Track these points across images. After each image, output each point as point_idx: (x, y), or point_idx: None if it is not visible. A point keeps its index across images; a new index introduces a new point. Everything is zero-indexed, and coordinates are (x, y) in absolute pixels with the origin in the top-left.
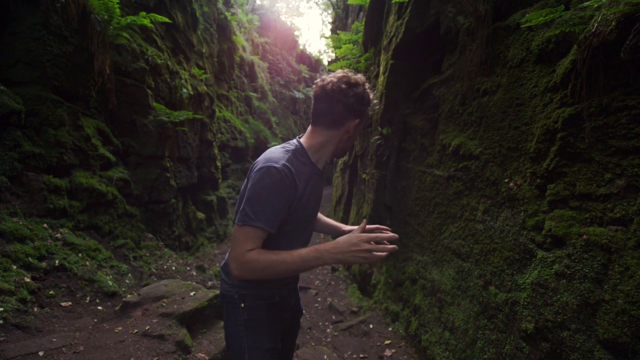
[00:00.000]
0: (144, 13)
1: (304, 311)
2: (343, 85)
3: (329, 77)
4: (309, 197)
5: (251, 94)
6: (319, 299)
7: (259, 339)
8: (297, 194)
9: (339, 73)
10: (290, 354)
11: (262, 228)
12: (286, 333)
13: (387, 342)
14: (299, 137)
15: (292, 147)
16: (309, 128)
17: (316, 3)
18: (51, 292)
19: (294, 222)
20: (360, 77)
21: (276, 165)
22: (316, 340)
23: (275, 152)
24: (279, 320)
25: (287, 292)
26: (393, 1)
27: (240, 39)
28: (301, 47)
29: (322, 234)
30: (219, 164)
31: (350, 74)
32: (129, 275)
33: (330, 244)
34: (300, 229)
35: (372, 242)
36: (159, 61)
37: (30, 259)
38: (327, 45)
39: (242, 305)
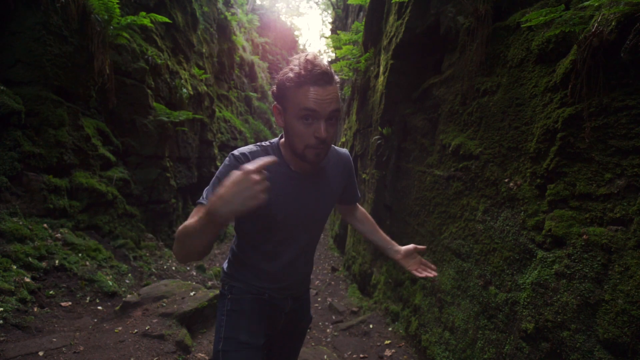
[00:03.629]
0: (144, 13)
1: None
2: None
3: None
4: (279, 197)
5: (251, 94)
6: (319, 299)
7: (236, 330)
8: None
9: None
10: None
11: (202, 204)
12: (280, 337)
13: (387, 342)
14: (281, 136)
15: (267, 144)
16: None
17: (316, 3)
18: (51, 292)
19: (265, 222)
20: (296, 57)
21: (234, 153)
22: (316, 340)
23: (247, 146)
24: (264, 318)
25: (281, 295)
26: (393, 1)
27: (240, 39)
28: (301, 47)
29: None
30: (219, 164)
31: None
32: (129, 275)
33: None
34: (278, 231)
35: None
36: (159, 61)
37: (30, 259)
38: (327, 45)
39: (229, 296)
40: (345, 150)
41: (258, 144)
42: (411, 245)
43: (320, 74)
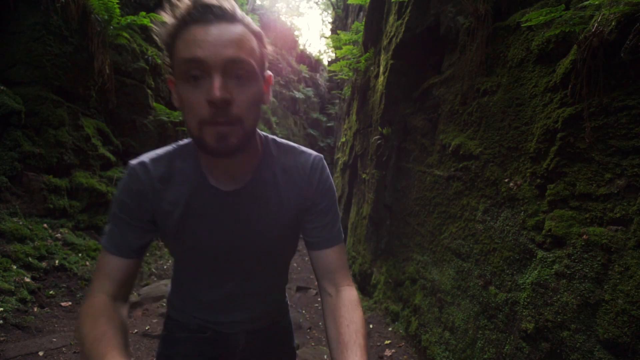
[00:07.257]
0: (144, 13)
1: (296, 343)
2: None
3: None
4: (199, 222)
5: None
6: (319, 299)
7: None
8: (162, 206)
9: None
10: None
11: (108, 250)
12: None
13: (387, 342)
14: None
15: (182, 144)
16: None
17: (316, 3)
18: (51, 292)
19: (186, 257)
20: None
21: (132, 163)
22: (316, 340)
23: (155, 150)
24: None
25: (229, 329)
26: (393, 1)
27: None
28: (301, 47)
29: None
30: None
31: None
32: None
33: None
34: (206, 260)
35: None
36: (159, 61)
37: (30, 259)
38: (327, 45)
39: (163, 332)
40: (313, 154)
41: (174, 144)
42: None
43: (205, 6)
